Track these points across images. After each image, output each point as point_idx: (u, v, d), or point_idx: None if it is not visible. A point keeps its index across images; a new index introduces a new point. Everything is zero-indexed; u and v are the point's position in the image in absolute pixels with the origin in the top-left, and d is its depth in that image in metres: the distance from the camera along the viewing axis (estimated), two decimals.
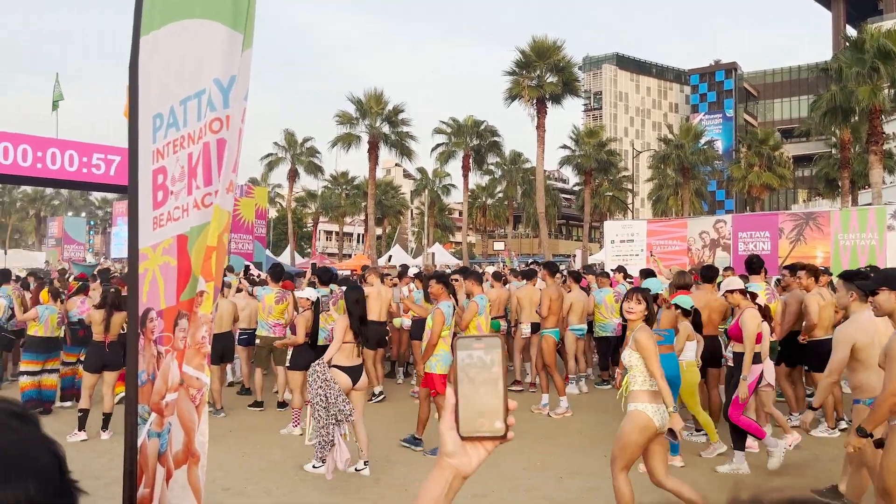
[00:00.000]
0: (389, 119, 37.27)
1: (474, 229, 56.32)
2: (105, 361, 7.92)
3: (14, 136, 17.00)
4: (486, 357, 1.01)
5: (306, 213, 61.82)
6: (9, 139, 16.84)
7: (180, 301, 2.62)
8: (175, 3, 2.72)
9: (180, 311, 2.60)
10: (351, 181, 56.22)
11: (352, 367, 6.36)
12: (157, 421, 2.59)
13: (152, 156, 2.73)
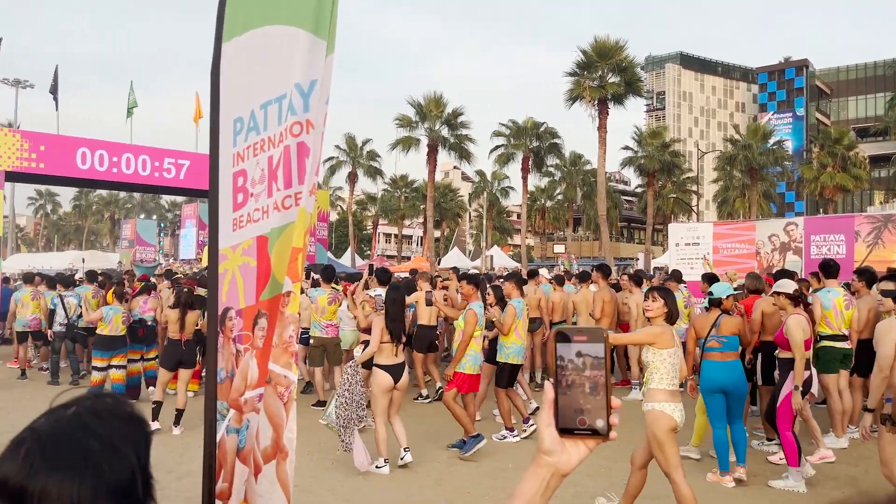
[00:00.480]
0: (448, 122, 37.44)
1: (533, 232, 55.96)
2: (181, 359, 8.21)
3: (91, 141, 17.79)
4: (588, 350, 0.97)
5: (366, 216, 62.62)
6: (87, 145, 17.63)
7: (259, 300, 2.67)
8: (257, 11, 2.78)
9: (259, 311, 2.66)
10: (410, 184, 56.68)
11: (393, 365, 6.46)
12: (235, 417, 2.66)
13: (233, 159, 2.80)
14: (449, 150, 38.06)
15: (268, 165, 2.72)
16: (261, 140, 2.76)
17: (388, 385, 6.38)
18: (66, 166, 17.24)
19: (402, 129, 38.11)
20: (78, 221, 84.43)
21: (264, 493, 2.52)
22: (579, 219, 57.34)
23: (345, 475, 6.31)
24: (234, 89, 2.85)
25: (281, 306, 2.56)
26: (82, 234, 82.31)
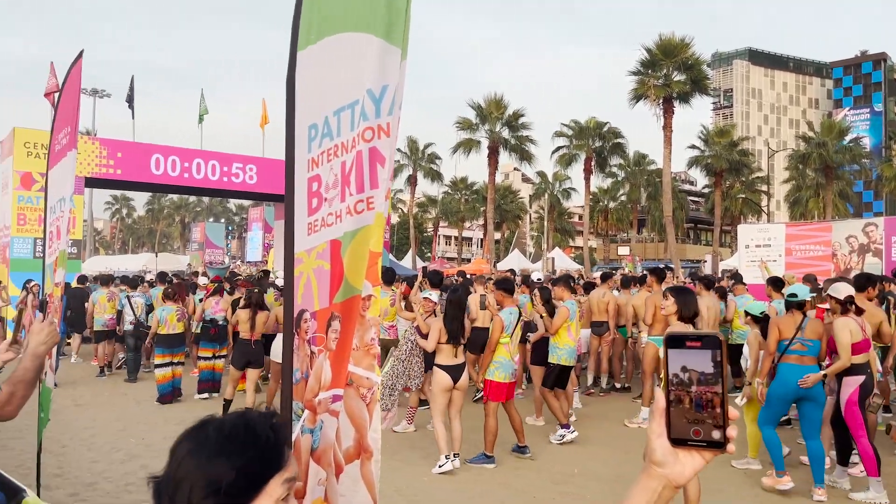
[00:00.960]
0: (509, 123, 37.33)
1: (595, 233, 55.17)
2: (250, 358, 8.43)
3: (165, 148, 18.50)
4: (702, 356, 0.91)
5: (427, 218, 63.01)
6: (160, 151, 18.35)
7: (333, 303, 2.71)
8: (330, 19, 2.83)
9: (333, 313, 2.70)
10: (470, 186, 56.76)
11: (452, 366, 6.52)
12: (310, 418, 2.70)
13: (307, 165, 2.85)
14: (510, 151, 37.95)
15: (340, 170, 2.76)
16: (334, 146, 2.80)
17: (446, 385, 6.48)
18: (141, 172, 17.99)
19: (463, 132, 38.23)
20: (151, 225, 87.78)
21: (347, 493, 2.57)
22: (643, 220, 56.27)
23: (412, 476, 6.34)
24: (308, 96, 2.90)
25: (361, 310, 2.60)
26: (155, 237, 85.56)
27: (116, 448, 7.14)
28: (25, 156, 16.56)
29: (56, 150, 4.50)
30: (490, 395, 6.72)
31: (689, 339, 0.93)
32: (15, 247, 16.50)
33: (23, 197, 16.57)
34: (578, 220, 65.34)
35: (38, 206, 16.57)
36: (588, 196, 44.02)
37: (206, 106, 24.20)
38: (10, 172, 16.55)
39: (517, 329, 6.87)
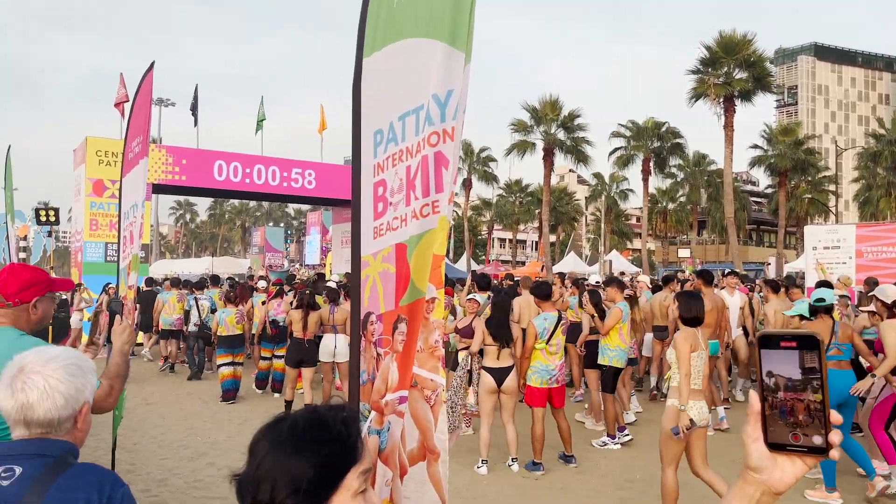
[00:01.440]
0: (565, 125, 37.01)
1: (654, 235, 54.15)
2: (303, 357, 8.67)
3: (227, 154, 19.01)
4: (798, 357, 0.87)
5: (481, 221, 62.98)
6: (223, 158, 18.86)
7: (399, 306, 2.75)
8: (394, 25, 2.87)
9: (399, 316, 2.73)
10: (524, 189, 56.48)
11: (497, 368, 6.50)
12: (376, 419, 2.74)
13: (373, 169, 2.89)
14: (565, 153, 37.61)
15: (405, 175, 2.79)
16: (399, 150, 2.83)
17: (491, 387, 6.50)
18: (205, 178, 18.53)
19: (517, 134, 38.08)
20: (213, 229, 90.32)
21: (412, 495, 2.59)
22: (704, 221, 54.91)
23: (470, 480, 6.35)
24: (373, 102, 2.95)
25: (425, 312, 2.62)
26: (217, 242, 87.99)
27: (185, 446, 7.38)
28: (97, 163, 17.27)
29: (129, 158, 4.69)
30: (528, 400, 6.67)
31: (784, 339, 0.89)
32: (87, 251, 17.21)
33: (95, 203, 17.28)
34: (636, 223, 64.23)
35: (108, 212, 17.26)
36: (646, 197, 43.25)
37: (264, 112, 24.75)
38: (83, 179, 17.28)
39: (557, 333, 6.72)
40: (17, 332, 2.53)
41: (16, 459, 1.58)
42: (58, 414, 1.62)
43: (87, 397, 1.70)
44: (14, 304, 2.54)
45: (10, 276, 2.57)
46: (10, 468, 1.56)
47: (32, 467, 1.57)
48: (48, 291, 2.66)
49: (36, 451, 1.59)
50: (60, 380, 1.63)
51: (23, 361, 1.64)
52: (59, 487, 1.55)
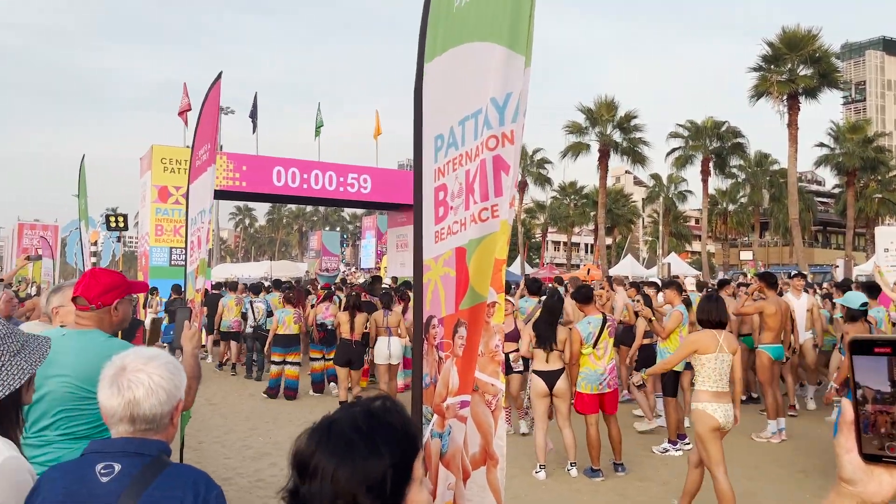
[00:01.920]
0: (621, 125, 36.51)
1: (714, 237, 52.80)
2: (351, 357, 8.97)
3: (285, 160, 19.41)
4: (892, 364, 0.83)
5: (535, 224, 62.59)
6: (281, 164, 19.26)
7: (459, 310, 2.75)
8: (455, 30, 2.88)
9: (459, 320, 2.73)
10: (579, 191, 55.87)
11: (546, 371, 6.45)
12: (438, 422, 2.75)
13: (434, 174, 2.91)
14: (621, 154, 37.08)
15: (465, 179, 2.79)
16: (459, 155, 2.84)
17: (541, 390, 6.46)
18: (264, 184, 18.96)
19: (572, 136, 37.72)
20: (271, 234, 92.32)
21: (474, 498, 2.59)
22: (766, 223, 53.25)
23: (529, 485, 6.31)
24: (434, 107, 2.97)
25: (486, 316, 2.61)
26: (275, 246, 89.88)
27: (247, 446, 7.55)
28: (162, 171, 17.87)
29: (196, 166, 4.83)
30: (578, 406, 6.55)
31: (878, 344, 0.84)
32: (153, 255, 17.82)
33: (160, 209, 17.88)
34: (695, 224, 62.79)
35: (173, 218, 17.84)
36: (706, 199, 42.22)
37: (322, 118, 25.18)
38: (149, 186, 17.91)
39: (604, 335, 6.59)
40: (104, 334, 2.64)
41: (115, 457, 1.64)
42: (161, 409, 1.70)
43: (182, 395, 1.79)
44: (97, 306, 2.65)
45: (92, 280, 2.68)
46: (109, 465, 1.62)
47: (131, 465, 1.63)
48: (127, 294, 2.77)
49: (135, 449, 1.66)
50: (163, 377, 1.71)
51: (123, 361, 1.71)
52: (157, 486, 1.60)
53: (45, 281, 15.36)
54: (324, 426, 1.13)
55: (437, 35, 2.90)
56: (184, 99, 21.57)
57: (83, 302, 2.65)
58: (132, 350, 1.78)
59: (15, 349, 1.80)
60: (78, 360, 2.46)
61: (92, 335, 2.61)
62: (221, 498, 1.69)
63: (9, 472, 1.68)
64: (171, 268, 17.66)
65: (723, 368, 4.99)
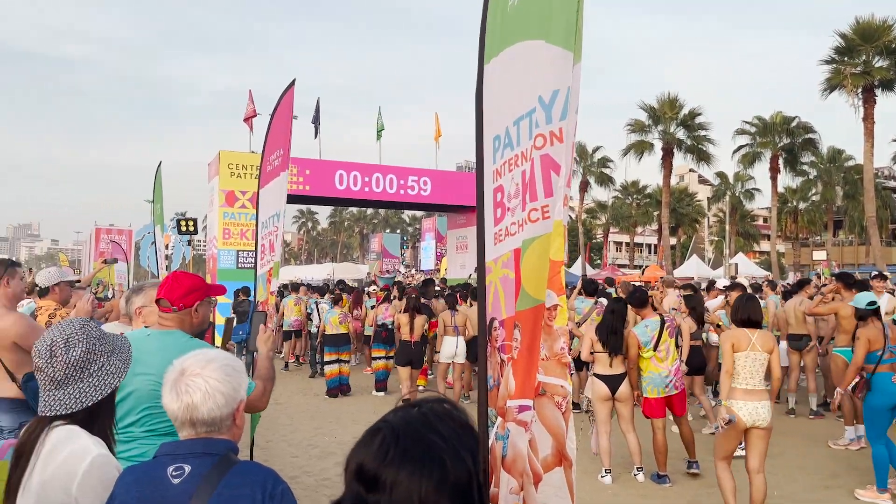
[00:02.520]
0: (685, 123, 35.71)
1: (783, 237, 50.97)
2: (411, 357, 9.34)
3: (347, 164, 19.71)
4: None
5: (596, 224, 61.70)
6: (343, 168, 19.57)
7: (517, 312, 2.74)
8: (509, 29, 2.86)
9: (515, 322, 2.72)
10: (642, 190, 54.84)
11: (608, 375, 6.40)
12: (501, 425, 2.75)
13: (492, 176, 2.91)
14: (685, 152, 36.24)
15: (521, 180, 2.77)
16: (514, 155, 2.82)
17: (603, 394, 6.40)
18: (327, 187, 19.30)
19: (634, 134, 37.10)
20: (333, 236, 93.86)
21: (549, 501, 2.58)
22: (840, 221, 51.09)
23: (594, 488, 6.23)
24: (492, 108, 2.96)
25: (547, 319, 2.59)
26: (337, 248, 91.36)
27: (313, 445, 7.71)
28: (229, 176, 18.40)
29: (267, 171, 4.95)
30: (647, 411, 6.46)
31: None
32: (221, 258, 18.35)
33: (227, 213, 18.41)
34: (763, 224, 60.76)
35: (239, 222, 18.35)
36: (775, 197, 40.78)
37: (382, 122, 25.44)
38: (217, 191, 18.46)
39: (664, 337, 6.43)
40: (185, 335, 2.75)
41: (184, 458, 1.70)
42: (220, 412, 1.73)
43: (243, 395, 1.81)
44: (179, 308, 2.75)
45: (174, 282, 2.79)
46: (180, 467, 1.68)
47: (200, 465, 1.68)
48: (206, 296, 2.86)
49: (203, 449, 1.71)
50: (219, 380, 1.74)
51: (183, 365, 1.76)
52: (227, 484, 1.65)
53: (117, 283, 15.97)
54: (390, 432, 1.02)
55: (494, 35, 2.90)
56: (249, 105, 22.14)
57: (166, 304, 2.75)
58: (193, 353, 1.81)
59: (110, 349, 1.91)
60: (161, 359, 2.55)
61: (174, 335, 2.71)
62: (289, 493, 1.73)
63: (97, 469, 1.77)
64: (238, 270, 18.16)
65: (754, 367, 5.04)
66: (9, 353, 3.78)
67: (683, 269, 36.29)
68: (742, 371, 5.07)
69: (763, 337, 5.14)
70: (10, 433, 3.67)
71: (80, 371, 1.83)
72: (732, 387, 5.08)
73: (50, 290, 5.37)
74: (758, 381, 5.06)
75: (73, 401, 1.82)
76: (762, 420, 5.00)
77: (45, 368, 1.83)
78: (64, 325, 1.89)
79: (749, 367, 5.05)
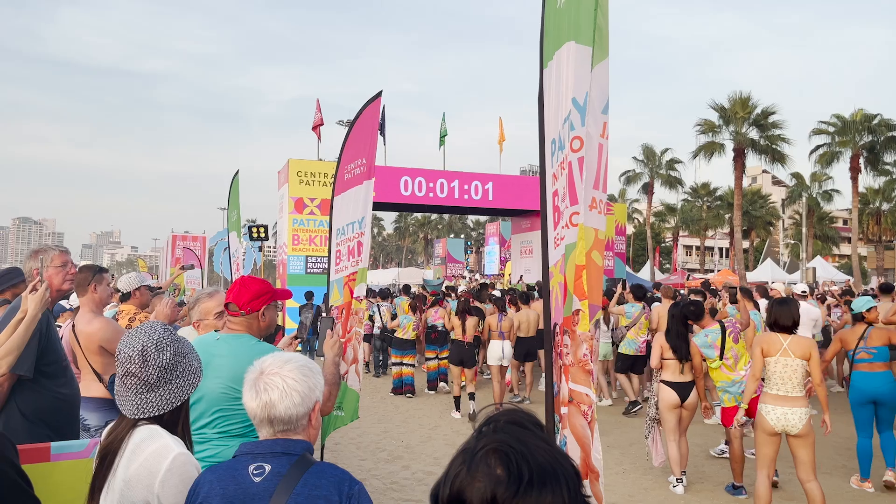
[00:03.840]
0: (758, 123, 34.51)
1: (865, 240, 48.61)
2: (463, 357, 9.74)
3: (412, 170, 19.90)
4: None
5: (665, 228, 60.29)
6: (408, 174, 19.76)
7: (564, 318, 2.72)
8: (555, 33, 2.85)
9: (563, 328, 2.70)
10: (712, 192, 53.32)
11: (677, 383, 6.30)
12: (561, 431, 2.73)
13: (551, 180, 2.90)
14: (758, 153, 35.00)
15: (566, 182, 2.75)
16: (563, 158, 2.80)
17: (672, 402, 6.29)
18: (392, 193, 19.53)
19: (704, 136, 36.12)
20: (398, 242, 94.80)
21: None
22: None
23: (664, 498, 6.10)
24: (550, 111, 2.96)
25: (572, 325, 2.55)
26: (402, 253, 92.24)
27: (381, 448, 7.82)
28: (298, 183, 18.86)
29: (345, 179, 5.05)
30: (725, 420, 6.32)
31: None
32: (291, 264, 18.82)
33: (296, 220, 18.86)
34: (843, 226, 58.13)
35: (308, 228, 18.79)
36: (856, 198, 38.90)
37: (445, 128, 25.59)
38: (286, 198, 18.95)
39: (728, 343, 6.26)
40: (253, 339, 2.83)
41: (264, 458, 1.76)
42: (296, 411, 1.78)
43: (318, 396, 1.86)
44: (247, 312, 2.83)
45: (242, 287, 2.88)
46: (260, 466, 1.75)
47: (280, 465, 1.74)
48: (273, 301, 2.93)
49: (282, 449, 1.77)
50: (296, 379, 1.79)
51: (262, 365, 1.83)
52: (306, 484, 1.71)
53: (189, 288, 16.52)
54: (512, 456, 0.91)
55: (550, 38, 2.90)
56: (317, 114, 22.67)
57: (234, 308, 2.84)
58: (272, 354, 1.88)
59: (188, 349, 2.02)
60: (230, 362, 2.64)
61: (243, 339, 2.79)
62: (364, 493, 1.77)
63: (179, 467, 1.86)
64: (308, 275, 18.59)
65: (786, 372, 4.98)
66: (97, 356, 4.00)
67: (757, 273, 35.03)
68: (773, 376, 5.03)
69: (798, 342, 5.04)
70: (95, 431, 3.89)
71: (170, 373, 1.93)
72: (764, 391, 5.09)
73: (131, 294, 5.64)
74: (791, 386, 4.97)
75: (165, 402, 1.92)
76: (792, 427, 4.92)
77: (138, 373, 1.90)
78: (147, 329, 1.97)
79: (780, 372, 4.99)
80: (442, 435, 8.51)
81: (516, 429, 0.96)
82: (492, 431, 0.96)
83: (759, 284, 12.43)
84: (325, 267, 10.55)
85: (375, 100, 4.96)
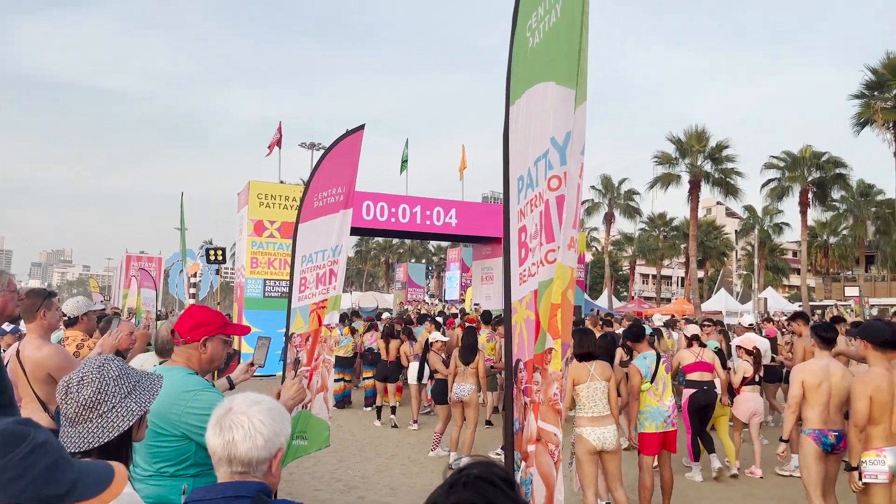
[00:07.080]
0: (712, 156, 35.53)
1: (814, 271, 50.11)
2: (386, 374, 11.53)
3: (374, 195, 19.87)
4: None
5: (622, 256, 61.25)
6: (371, 198, 19.73)
7: (535, 354, 2.72)
8: (530, 71, 2.89)
9: (535, 365, 2.70)
10: (668, 222, 54.49)
11: None
12: (524, 469, 2.71)
13: (517, 216, 2.92)
14: (712, 185, 35.98)
15: (539, 220, 2.77)
16: (535, 195, 2.82)
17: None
18: (355, 218, 19.33)
19: (661, 167, 36.99)
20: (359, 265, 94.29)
21: None
22: (872, 256, 50.14)
23: None
24: (517, 148, 2.99)
25: (544, 363, 2.55)
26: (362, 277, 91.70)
27: (336, 478, 7.66)
28: (258, 205, 18.65)
29: (315, 207, 5.00)
30: (643, 448, 6.15)
31: None
32: (248, 287, 18.52)
33: (255, 242, 18.62)
34: (793, 258, 59.84)
35: (267, 251, 18.55)
36: (805, 231, 40.14)
37: (407, 153, 25.67)
38: (246, 220, 18.71)
39: (660, 371, 6.26)
40: (185, 371, 2.65)
41: (216, 502, 1.70)
42: (258, 454, 1.72)
43: (283, 443, 1.79)
44: (186, 341, 2.68)
45: (186, 314, 2.77)
46: None
47: None
48: (219, 333, 2.74)
49: (233, 492, 1.70)
50: (263, 422, 1.73)
51: (232, 403, 1.78)
52: None
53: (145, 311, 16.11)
54: None
55: (518, 76, 2.93)
56: (276, 135, 22.54)
57: (176, 336, 2.71)
58: (244, 394, 1.82)
59: (126, 391, 1.90)
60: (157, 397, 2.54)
61: (174, 372, 2.60)
62: None
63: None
64: (266, 299, 18.32)
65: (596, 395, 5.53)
66: (43, 384, 3.82)
67: (711, 302, 35.77)
68: (585, 400, 5.53)
69: (601, 367, 5.64)
70: None
71: (90, 411, 1.84)
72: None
73: (78, 319, 5.43)
74: (602, 406, 5.53)
75: (82, 440, 1.84)
76: (608, 443, 5.47)
77: (61, 405, 1.86)
78: (87, 363, 1.92)
79: (591, 395, 5.52)
80: (398, 464, 8.39)
81: (486, 486, 0.98)
82: (462, 487, 0.98)
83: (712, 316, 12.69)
84: (285, 291, 10.48)
85: (358, 131, 4.96)
